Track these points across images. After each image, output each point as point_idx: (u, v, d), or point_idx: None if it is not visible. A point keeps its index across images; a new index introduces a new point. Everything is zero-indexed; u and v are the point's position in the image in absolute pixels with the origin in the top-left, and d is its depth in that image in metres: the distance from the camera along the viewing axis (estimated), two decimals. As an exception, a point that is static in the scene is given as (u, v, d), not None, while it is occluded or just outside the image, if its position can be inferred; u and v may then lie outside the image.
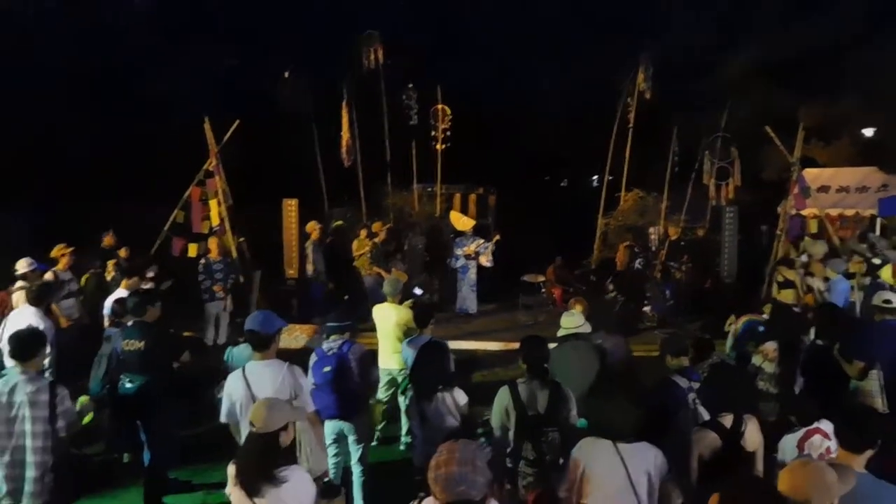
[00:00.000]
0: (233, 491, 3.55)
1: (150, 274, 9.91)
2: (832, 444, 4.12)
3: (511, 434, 4.75)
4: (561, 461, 4.55)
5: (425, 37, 22.57)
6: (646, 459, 3.88)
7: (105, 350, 6.73)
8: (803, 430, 4.37)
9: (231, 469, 3.60)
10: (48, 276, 9.17)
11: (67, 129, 16.46)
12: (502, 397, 4.79)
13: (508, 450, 4.73)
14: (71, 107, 16.72)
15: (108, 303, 7.86)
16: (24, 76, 16.40)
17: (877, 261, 10.42)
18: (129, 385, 5.97)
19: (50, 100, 16.60)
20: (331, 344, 5.78)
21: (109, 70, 17.75)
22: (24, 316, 7.07)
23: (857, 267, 10.46)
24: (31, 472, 4.54)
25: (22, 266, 8.54)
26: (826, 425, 4.28)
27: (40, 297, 7.28)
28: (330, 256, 13.02)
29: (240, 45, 20.74)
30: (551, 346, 5.30)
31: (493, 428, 4.87)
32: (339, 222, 14.44)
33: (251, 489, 3.46)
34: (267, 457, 3.51)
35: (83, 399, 6.84)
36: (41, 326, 6.61)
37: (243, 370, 4.66)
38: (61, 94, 16.92)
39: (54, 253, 9.41)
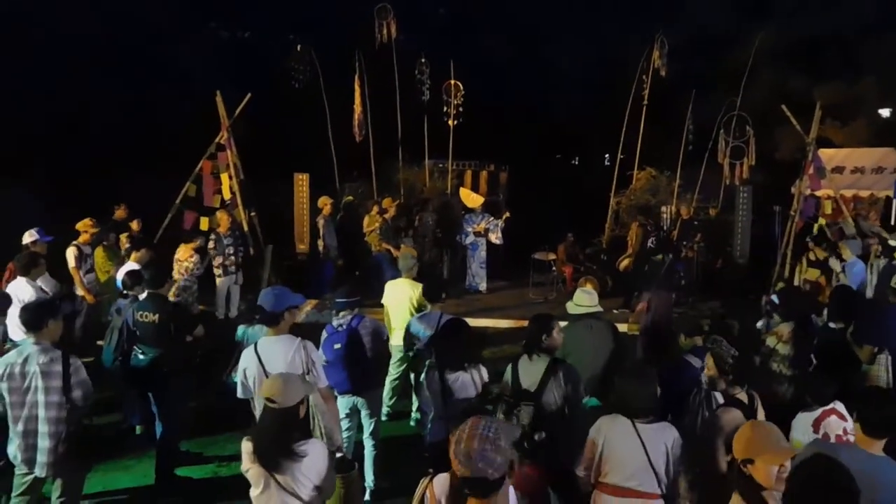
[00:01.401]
0: (251, 468, 3.50)
1: (201, 244, 10.13)
2: (848, 424, 4.09)
3: None
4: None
5: (439, 11, 22.41)
6: (665, 440, 3.90)
7: (116, 322, 6.74)
8: (819, 409, 4.32)
9: (247, 445, 3.52)
10: (72, 249, 9.18)
11: (80, 102, 16.46)
12: (506, 373, 4.91)
13: None
14: (83, 81, 16.70)
15: (120, 275, 7.89)
16: (37, 51, 16.38)
17: (893, 242, 10.31)
18: (141, 357, 5.99)
19: (62, 74, 16.58)
20: (340, 320, 5.80)
21: (123, 43, 17.69)
22: (16, 287, 7.16)
23: (873, 248, 10.39)
24: (44, 443, 4.57)
25: (26, 237, 8.58)
26: (840, 406, 4.24)
27: (27, 266, 7.37)
28: (341, 232, 13.01)
29: (252, 18, 20.62)
30: (563, 324, 5.29)
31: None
32: (350, 198, 14.40)
33: (271, 465, 3.43)
34: (286, 432, 3.47)
35: None
36: (27, 296, 6.70)
37: (255, 346, 4.68)
38: (73, 69, 16.89)
39: (80, 226, 9.41)
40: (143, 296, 6.42)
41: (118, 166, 15.68)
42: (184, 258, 9.77)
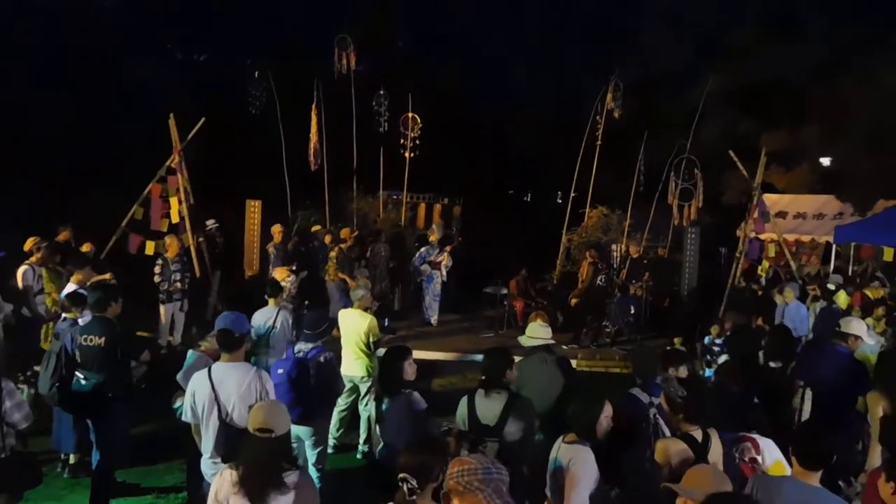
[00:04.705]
0: (232, 498, 3.37)
1: (291, 280, 10.02)
2: (759, 457, 4.24)
3: None
4: None
5: (398, 44, 22.63)
6: (567, 458, 4.08)
7: (54, 347, 6.49)
8: (738, 434, 4.47)
9: (231, 474, 3.39)
10: (24, 268, 8.85)
11: (29, 118, 16.02)
12: (461, 407, 4.93)
13: None
14: (35, 96, 16.30)
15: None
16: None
17: (831, 286, 10.68)
18: (83, 382, 5.77)
19: (12, 88, 16.17)
20: (301, 346, 5.82)
21: (76, 60, 17.35)
22: None
23: (811, 292, 10.77)
24: (-28, 470, 4.37)
25: None
26: (763, 441, 4.35)
27: None
28: (291, 260, 12.84)
29: (210, 42, 20.50)
30: (517, 358, 5.32)
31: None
32: (318, 227, 14.21)
33: (257, 496, 3.31)
34: (277, 462, 3.37)
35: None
36: None
37: (209, 370, 4.55)
38: (25, 85, 16.50)
39: (28, 246, 9.08)
40: (84, 319, 6.22)
41: (64, 184, 15.26)
42: (280, 279, 9.67)
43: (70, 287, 7.78)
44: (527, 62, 23.95)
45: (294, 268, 10.56)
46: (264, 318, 7.49)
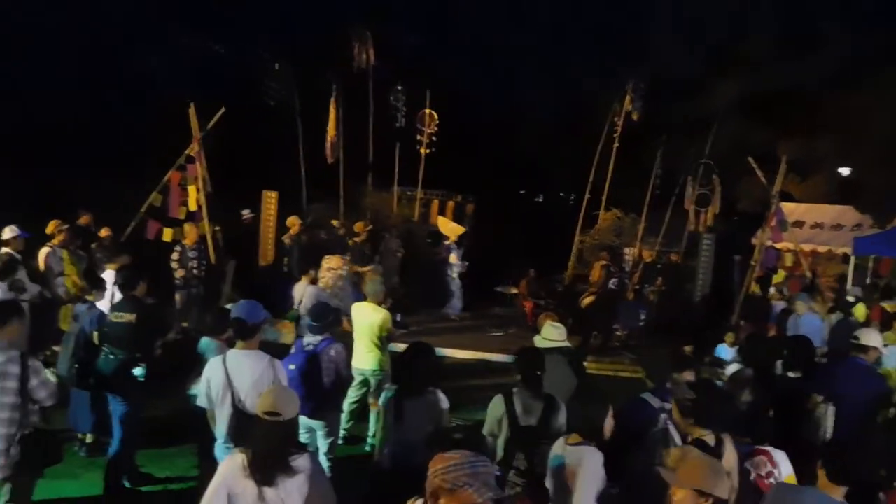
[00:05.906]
0: (240, 480, 3.40)
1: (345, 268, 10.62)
2: (776, 471, 4.19)
3: (500, 443, 4.79)
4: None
5: (416, 41, 22.66)
6: (583, 461, 4.02)
7: (73, 329, 6.58)
8: (753, 447, 4.43)
9: (241, 458, 3.43)
10: (45, 250, 8.98)
11: (49, 103, 16.15)
12: (497, 406, 4.84)
13: (498, 459, 4.74)
14: (56, 84, 16.43)
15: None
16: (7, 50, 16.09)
17: (850, 298, 10.63)
18: (111, 357, 5.85)
19: (34, 75, 16.31)
20: (310, 339, 5.82)
21: (98, 49, 17.48)
22: None
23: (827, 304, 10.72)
24: (-4, 444, 4.44)
25: (6, 233, 8.41)
26: (778, 454, 4.31)
27: (4, 272, 7.22)
28: (303, 252, 12.91)
29: (231, 33, 20.58)
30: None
31: (484, 435, 4.96)
32: (335, 222, 14.27)
33: (266, 480, 3.35)
34: (286, 446, 3.42)
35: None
36: None
37: (224, 357, 4.59)
38: (46, 70, 16.63)
39: (50, 229, 9.21)
40: (102, 301, 6.29)
41: (84, 169, 15.38)
42: (336, 266, 10.34)
43: (108, 274, 7.88)
44: (543, 63, 23.93)
45: (348, 257, 11.38)
46: (298, 293, 9.15)
